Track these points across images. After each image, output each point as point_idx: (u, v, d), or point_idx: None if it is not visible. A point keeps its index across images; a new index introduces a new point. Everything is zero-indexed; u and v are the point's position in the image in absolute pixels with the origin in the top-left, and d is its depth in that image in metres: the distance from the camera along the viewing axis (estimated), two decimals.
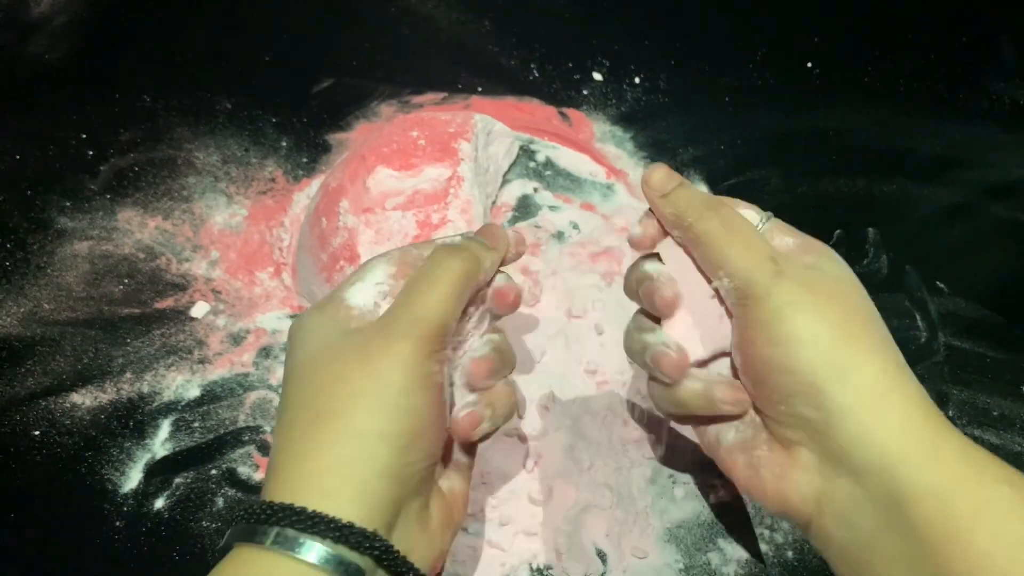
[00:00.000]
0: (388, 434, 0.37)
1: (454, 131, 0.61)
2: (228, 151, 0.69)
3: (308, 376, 0.39)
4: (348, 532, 0.34)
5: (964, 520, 0.33)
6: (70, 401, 0.56)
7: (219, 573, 0.35)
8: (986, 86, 0.78)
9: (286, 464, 0.37)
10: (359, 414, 0.37)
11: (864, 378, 0.37)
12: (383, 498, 0.36)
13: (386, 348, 0.38)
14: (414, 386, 0.38)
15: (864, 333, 0.38)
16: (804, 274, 0.40)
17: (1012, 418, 0.59)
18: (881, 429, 0.35)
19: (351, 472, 0.36)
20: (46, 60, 0.73)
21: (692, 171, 0.70)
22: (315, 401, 0.38)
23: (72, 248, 0.63)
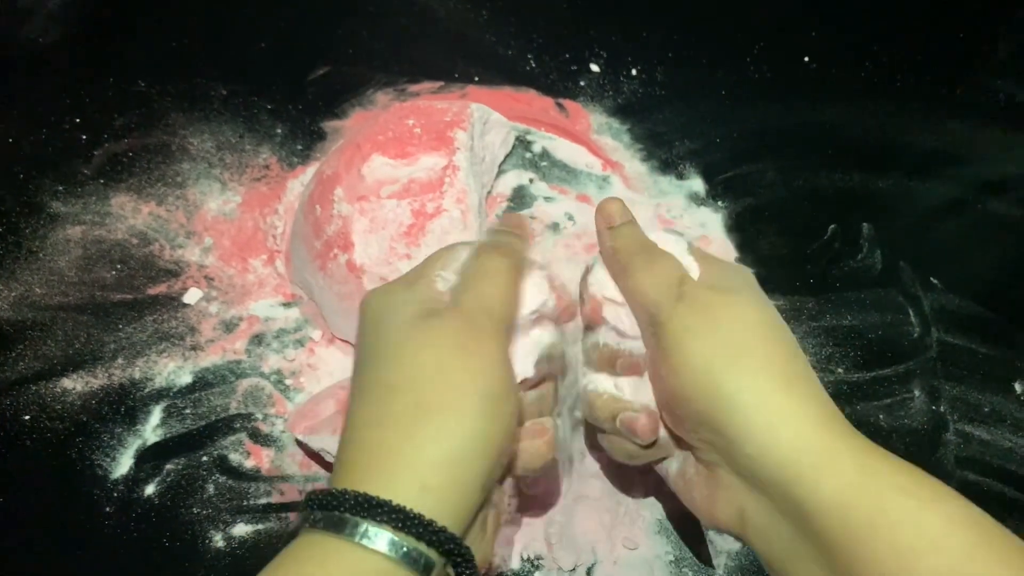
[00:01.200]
0: (486, 440, 0.36)
1: (450, 120, 0.61)
2: (223, 137, 0.69)
3: (405, 356, 0.38)
4: (441, 536, 0.33)
5: (861, 530, 0.34)
6: (61, 386, 0.56)
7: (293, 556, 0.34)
8: (982, 82, 0.78)
9: (382, 449, 0.35)
10: (466, 413, 0.36)
11: (753, 399, 0.37)
12: (473, 504, 0.36)
13: (479, 346, 0.38)
14: (504, 388, 0.38)
15: (755, 353, 0.39)
16: (704, 297, 0.41)
17: (1003, 414, 0.59)
18: (775, 448, 0.36)
19: (450, 474, 0.35)
20: (40, 44, 0.73)
21: (689, 164, 0.70)
22: (415, 387, 0.36)
23: (65, 233, 0.63)
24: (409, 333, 0.38)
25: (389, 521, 0.33)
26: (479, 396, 0.36)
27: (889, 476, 0.35)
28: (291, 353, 0.59)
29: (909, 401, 0.59)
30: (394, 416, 0.36)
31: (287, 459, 0.55)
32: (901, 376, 0.60)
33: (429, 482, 0.34)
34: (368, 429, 0.36)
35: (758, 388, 0.38)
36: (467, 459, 0.35)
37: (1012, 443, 0.58)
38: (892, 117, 0.75)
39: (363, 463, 0.35)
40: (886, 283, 0.65)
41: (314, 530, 0.34)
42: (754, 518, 0.38)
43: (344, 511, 0.33)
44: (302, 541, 0.34)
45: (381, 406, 0.37)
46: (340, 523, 0.33)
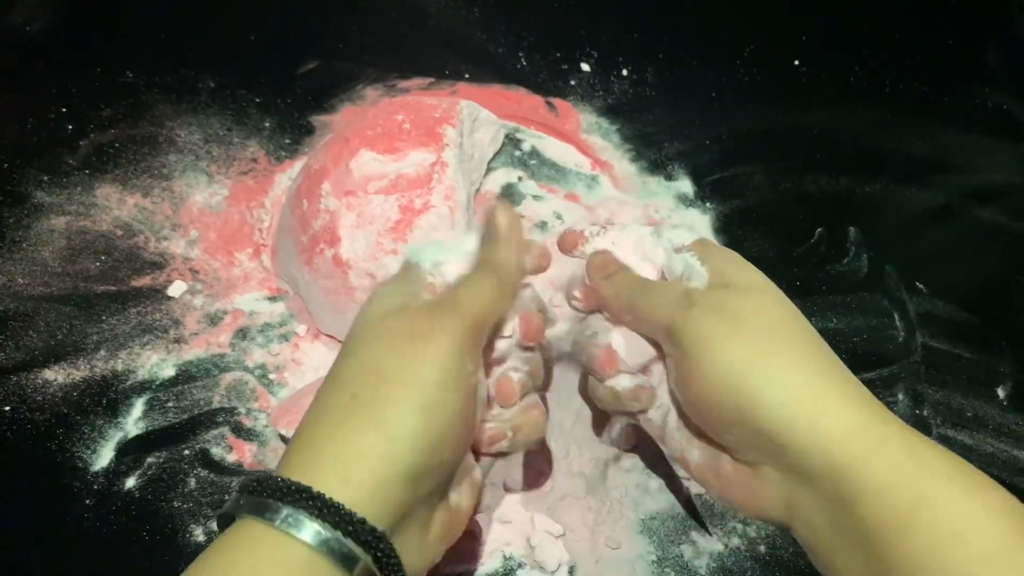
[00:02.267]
0: (416, 434, 0.36)
1: (440, 116, 0.61)
2: (210, 130, 0.68)
3: (356, 350, 0.39)
4: (360, 527, 0.33)
5: (904, 515, 0.33)
6: (42, 377, 0.56)
7: (227, 544, 0.34)
8: (970, 90, 0.78)
9: (313, 442, 0.36)
10: (392, 407, 0.36)
11: (792, 393, 0.37)
12: (397, 499, 0.35)
13: (428, 333, 0.38)
14: (448, 381, 0.37)
15: (783, 346, 0.38)
16: (717, 298, 0.40)
17: (985, 419, 0.60)
18: (822, 439, 0.36)
19: (373, 467, 0.35)
20: (27, 32, 0.72)
21: (677, 165, 0.70)
22: (354, 381, 0.37)
23: (49, 223, 0.62)
24: (372, 327, 0.39)
25: (307, 508, 0.33)
26: (413, 385, 0.36)
27: (935, 463, 0.35)
28: (275, 348, 0.59)
29: (893, 405, 0.59)
30: (330, 410, 0.37)
31: (269, 454, 0.55)
32: (885, 380, 0.61)
33: (351, 475, 0.34)
34: (308, 423, 0.37)
35: (794, 382, 0.37)
36: (394, 455, 0.35)
37: (994, 448, 0.58)
38: (880, 122, 0.75)
39: (296, 455, 0.36)
40: (872, 287, 0.65)
41: (246, 516, 0.34)
42: (801, 509, 0.38)
43: (267, 495, 0.34)
44: (235, 527, 0.34)
45: (324, 400, 0.38)
46: (262, 507, 0.33)
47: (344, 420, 0.36)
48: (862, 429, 0.36)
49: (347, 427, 0.36)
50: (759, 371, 0.37)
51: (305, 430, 0.37)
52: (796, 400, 0.37)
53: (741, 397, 0.38)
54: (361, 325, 0.40)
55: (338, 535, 0.33)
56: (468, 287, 0.41)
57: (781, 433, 0.37)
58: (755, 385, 0.37)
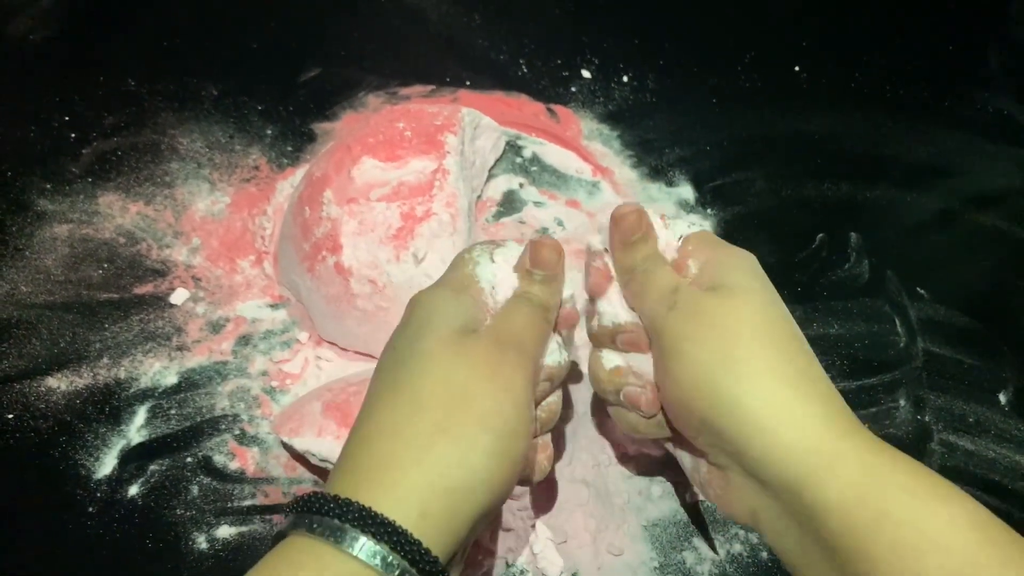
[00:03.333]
0: (496, 477, 0.36)
1: (441, 124, 0.61)
2: (212, 137, 0.68)
3: (437, 371, 0.38)
4: (433, 567, 0.33)
5: (865, 532, 0.34)
6: (45, 385, 0.56)
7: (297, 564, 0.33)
8: (971, 95, 0.78)
9: (390, 465, 0.35)
10: (483, 445, 0.36)
11: (755, 403, 0.37)
12: (465, 537, 0.35)
13: (509, 377, 0.38)
14: (525, 431, 0.38)
15: (755, 352, 0.38)
16: (697, 302, 0.41)
17: (987, 425, 0.60)
18: (779, 452, 0.36)
19: (456, 504, 0.35)
20: (30, 41, 0.72)
21: (678, 171, 0.70)
22: (439, 406, 0.36)
23: (52, 231, 0.62)
24: (447, 347, 0.38)
25: (388, 541, 0.32)
26: (497, 430, 0.36)
27: (894, 476, 0.35)
28: (278, 355, 0.59)
29: (894, 410, 0.59)
30: (412, 432, 0.36)
31: (272, 461, 0.55)
32: (887, 385, 0.61)
33: (431, 508, 0.34)
34: (382, 438, 0.36)
35: (759, 392, 0.37)
36: (472, 492, 0.35)
37: (996, 453, 0.58)
38: (881, 128, 0.75)
39: (369, 473, 0.35)
40: (873, 293, 0.65)
41: (307, 534, 0.33)
42: (766, 518, 0.38)
43: (345, 521, 0.33)
44: (293, 544, 0.33)
45: (401, 418, 0.36)
46: (339, 533, 0.33)
47: (429, 449, 0.35)
48: (821, 444, 0.36)
49: (433, 458, 0.35)
50: (726, 377, 0.38)
51: (378, 446, 0.36)
52: (757, 410, 0.37)
53: (707, 402, 0.38)
54: (429, 339, 0.39)
55: (411, 570, 0.33)
56: (526, 325, 0.41)
57: (741, 442, 0.37)
58: (721, 391, 0.38)
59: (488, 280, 0.43)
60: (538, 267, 0.43)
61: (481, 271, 0.43)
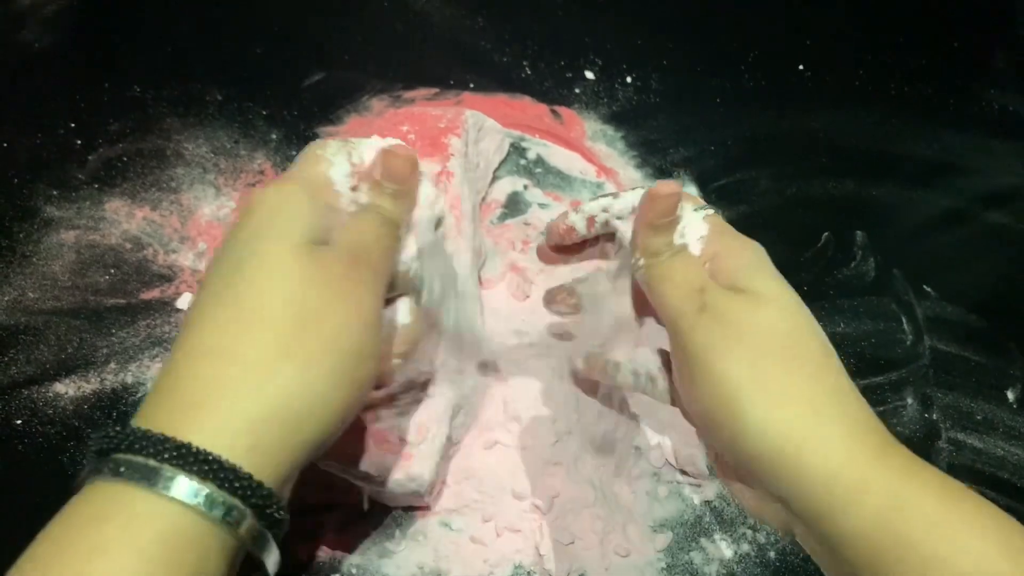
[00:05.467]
0: (337, 404, 0.34)
1: (445, 126, 0.61)
2: (218, 143, 0.69)
3: (284, 286, 0.34)
4: (264, 499, 0.31)
5: (889, 564, 0.33)
6: (53, 391, 0.56)
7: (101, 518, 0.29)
8: (977, 93, 0.78)
9: (215, 389, 0.31)
10: (324, 370, 0.33)
11: (781, 429, 0.35)
12: (298, 465, 0.33)
13: (359, 297, 0.35)
14: (371, 355, 0.36)
15: (784, 368, 0.37)
16: (727, 307, 0.38)
17: (995, 422, 0.59)
18: (804, 481, 0.35)
19: (289, 434, 0.32)
20: (36, 48, 0.73)
21: (682, 171, 0.70)
22: (281, 325, 0.33)
23: (59, 237, 0.62)
24: (297, 257, 0.34)
25: (214, 479, 0.29)
26: (346, 353, 0.34)
27: (922, 505, 0.33)
28: None
29: (902, 409, 0.59)
30: (250, 353, 0.32)
31: None
32: (894, 384, 0.60)
33: (264, 439, 0.31)
34: (211, 359, 0.32)
35: (785, 417, 0.35)
36: (313, 420, 0.32)
37: (1004, 451, 0.58)
38: (886, 126, 0.75)
39: (193, 401, 0.31)
40: (879, 291, 0.65)
41: (112, 479, 0.29)
42: (799, 536, 0.38)
43: (161, 460, 0.29)
44: (97, 492, 0.30)
45: (236, 336, 0.32)
46: (153, 474, 0.29)
47: (262, 371, 0.32)
48: (847, 471, 0.34)
49: (267, 382, 0.32)
50: (754, 399, 0.36)
51: (202, 367, 0.32)
52: (784, 438, 0.35)
53: (730, 418, 0.36)
54: (278, 245, 0.35)
55: (239, 505, 0.30)
56: (376, 240, 0.38)
57: (767, 470, 0.36)
58: (747, 415, 0.36)
59: (344, 184, 0.40)
60: (389, 179, 0.40)
61: (336, 173, 0.40)
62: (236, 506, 0.30)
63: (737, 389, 0.36)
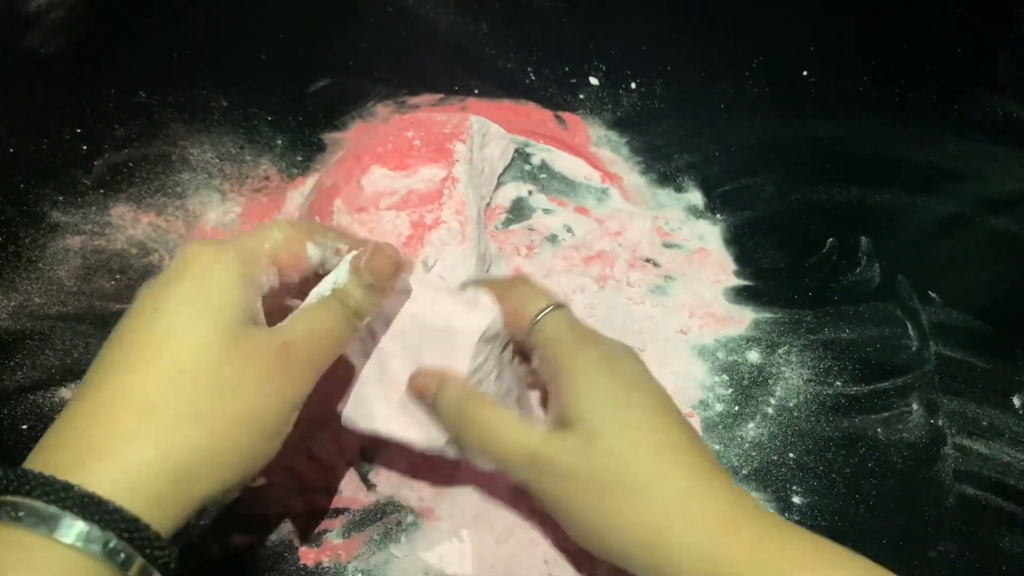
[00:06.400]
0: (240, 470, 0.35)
1: (449, 132, 0.61)
2: (223, 148, 0.69)
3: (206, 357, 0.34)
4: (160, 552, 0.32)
5: None
6: (59, 396, 0.56)
7: None
8: (980, 98, 0.78)
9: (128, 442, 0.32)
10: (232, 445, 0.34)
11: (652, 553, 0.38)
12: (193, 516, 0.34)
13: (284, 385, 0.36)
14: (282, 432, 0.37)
15: (636, 503, 0.39)
16: (565, 464, 0.40)
17: (1001, 428, 0.59)
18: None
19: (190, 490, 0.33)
20: (41, 54, 0.73)
21: (687, 177, 0.70)
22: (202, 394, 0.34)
23: (64, 242, 0.63)
24: (224, 337, 0.35)
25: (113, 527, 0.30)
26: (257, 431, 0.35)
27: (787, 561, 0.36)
28: None
29: (907, 415, 0.59)
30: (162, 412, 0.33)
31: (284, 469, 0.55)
32: (899, 389, 0.60)
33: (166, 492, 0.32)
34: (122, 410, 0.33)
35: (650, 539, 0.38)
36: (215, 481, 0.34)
37: (1011, 457, 0.58)
38: (890, 131, 0.75)
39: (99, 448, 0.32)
40: (884, 297, 0.65)
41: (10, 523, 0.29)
42: None
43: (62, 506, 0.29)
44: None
45: (151, 393, 0.33)
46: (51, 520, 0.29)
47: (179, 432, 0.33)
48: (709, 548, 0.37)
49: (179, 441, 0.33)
50: (616, 536, 0.39)
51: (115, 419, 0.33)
52: (656, 557, 0.38)
53: (606, 554, 0.40)
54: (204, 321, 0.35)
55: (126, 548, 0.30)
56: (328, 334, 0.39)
57: None
58: (612, 548, 0.40)
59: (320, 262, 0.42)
60: (371, 273, 0.41)
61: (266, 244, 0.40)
62: (132, 554, 0.31)
63: (599, 529, 0.40)
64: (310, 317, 0.39)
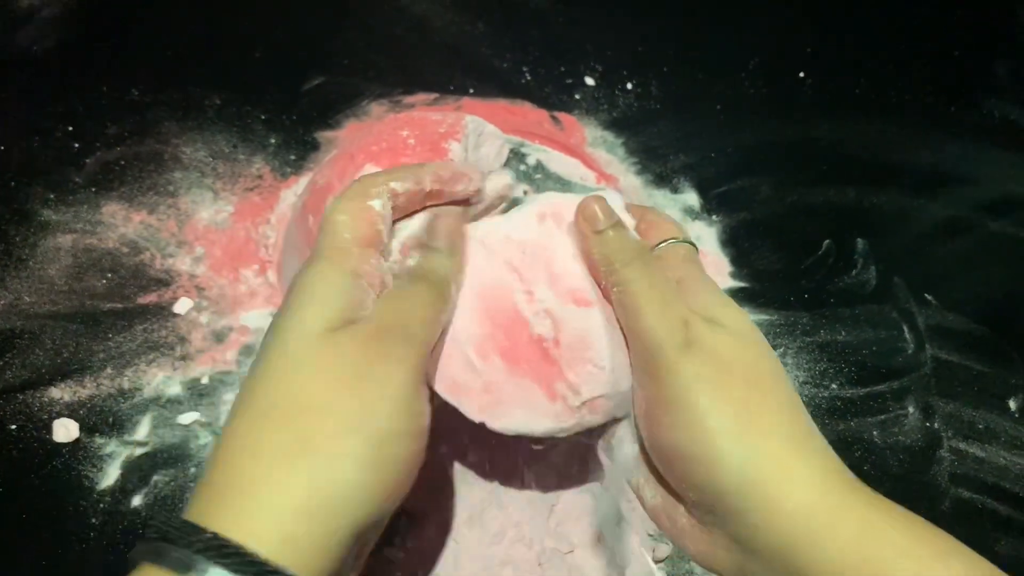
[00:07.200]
0: (373, 488, 0.33)
1: (444, 131, 0.61)
2: (216, 147, 0.68)
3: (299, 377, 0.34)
4: None
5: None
6: (48, 395, 0.56)
7: None
8: (977, 101, 0.78)
9: (245, 486, 0.32)
10: (350, 456, 0.33)
11: (763, 468, 0.35)
12: (342, 556, 0.33)
13: (383, 374, 0.35)
14: (405, 432, 0.35)
15: (765, 407, 0.36)
16: (711, 342, 0.37)
17: (997, 431, 0.59)
18: (779, 517, 0.34)
19: (324, 523, 0.32)
20: (34, 51, 0.72)
21: (683, 178, 0.70)
22: (300, 417, 0.33)
23: (55, 241, 0.62)
24: (311, 347, 0.35)
25: (244, 571, 0.30)
26: (369, 436, 0.33)
27: (892, 538, 0.33)
28: None
29: (903, 418, 0.59)
30: (270, 448, 0.33)
31: None
32: (895, 392, 0.60)
33: (295, 531, 0.31)
34: (240, 456, 0.33)
35: (767, 454, 0.35)
36: (346, 507, 0.32)
37: (1006, 460, 0.58)
38: (887, 134, 0.75)
39: (224, 496, 0.32)
40: (880, 299, 0.65)
41: (154, 565, 0.30)
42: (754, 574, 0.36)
43: (196, 551, 0.30)
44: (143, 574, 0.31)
45: (256, 431, 0.33)
46: (187, 564, 0.30)
47: (288, 466, 0.32)
48: (820, 507, 0.34)
49: (293, 476, 0.32)
50: (737, 440, 0.35)
51: (234, 464, 0.33)
52: (765, 477, 0.35)
53: (708, 453, 0.36)
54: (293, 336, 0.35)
55: None
56: (417, 308, 0.37)
57: (743, 507, 0.35)
58: (733, 451, 0.35)
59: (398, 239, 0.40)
60: (437, 237, 0.40)
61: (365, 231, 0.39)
62: None
63: (720, 424, 0.36)
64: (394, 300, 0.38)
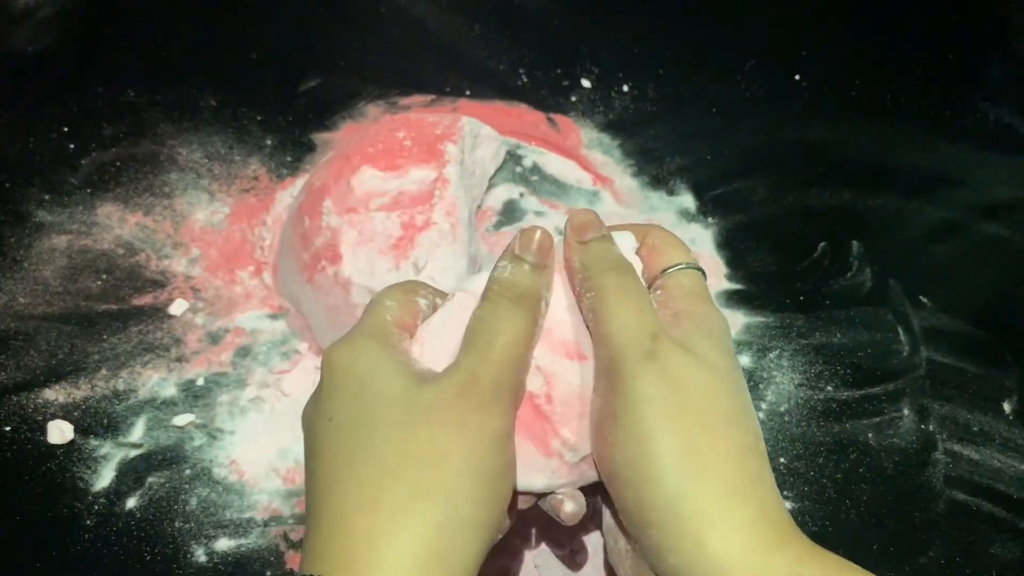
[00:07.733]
0: (483, 524, 0.34)
1: (441, 133, 0.61)
2: (212, 148, 0.68)
3: (399, 433, 0.35)
4: None
5: None
6: (43, 397, 0.56)
7: None
8: (972, 104, 0.78)
9: (374, 540, 0.33)
10: (463, 498, 0.34)
11: (693, 506, 0.34)
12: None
13: (480, 423, 0.35)
14: (504, 471, 0.36)
15: (712, 446, 0.35)
16: (675, 362, 0.36)
17: (992, 434, 0.59)
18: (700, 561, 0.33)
19: (449, 563, 0.33)
20: (29, 52, 0.72)
21: (679, 180, 0.70)
22: (410, 469, 0.34)
23: (50, 242, 0.62)
24: (399, 409, 0.35)
25: None
26: (480, 474, 0.34)
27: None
28: (277, 365, 0.58)
29: (898, 420, 0.59)
30: (388, 502, 0.33)
31: (271, 473, 0.54)
32: (890, 395, 0.60)
33: (427, 572, 0.32)
34: (356, 513, 0.34)
35: (700, 494, 0.34)
36: (465, 542, 0.34)
37: (1001, 463, 0.58)
38: (882, 137, 0.75)
39: (353, 551, 0.33)
40: (876, 301, 0.65)
41: None
42: None
43: None
44: None
45: (371, 490, 0.34)
46: None
47: (410, 515, 0.33)
48: (741, 553, 0.33)
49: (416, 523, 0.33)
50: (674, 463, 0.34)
51: (355, 523, 0.34)
52: (692, 511, 0.34)
53: (643, 479, 0.35)
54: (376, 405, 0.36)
55: None
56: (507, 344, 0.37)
57: (666, 543, 0.34)
58: (662, 475, 0.34)
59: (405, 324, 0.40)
60: (527, 252, 0.39)
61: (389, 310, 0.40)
62: None
63: (660, 450, 0.35)
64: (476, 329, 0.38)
